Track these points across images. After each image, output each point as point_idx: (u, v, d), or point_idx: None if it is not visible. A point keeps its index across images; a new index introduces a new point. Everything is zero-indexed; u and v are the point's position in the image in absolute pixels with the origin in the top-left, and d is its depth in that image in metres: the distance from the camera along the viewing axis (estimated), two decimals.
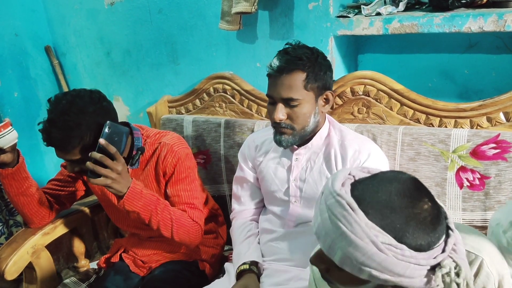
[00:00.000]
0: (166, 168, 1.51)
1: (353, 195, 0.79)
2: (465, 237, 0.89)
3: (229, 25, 1.82)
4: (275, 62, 1.33)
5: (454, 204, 1.46)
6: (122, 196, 1.35)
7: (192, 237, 1.50)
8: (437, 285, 0.76)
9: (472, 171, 1.42)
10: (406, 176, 0.81)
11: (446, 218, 0.81)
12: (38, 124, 1.34)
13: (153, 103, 2.12)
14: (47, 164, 2.56)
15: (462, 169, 1.43)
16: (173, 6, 2.02)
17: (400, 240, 0.75)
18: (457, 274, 0.75)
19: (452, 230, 0.81)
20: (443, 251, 0.78)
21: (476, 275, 0.85)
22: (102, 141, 1.30)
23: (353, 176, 0.86)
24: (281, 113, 1.33)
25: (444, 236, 0.79)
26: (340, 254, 0.77)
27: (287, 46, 1.37)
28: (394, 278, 0.75)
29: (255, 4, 1.70)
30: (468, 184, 1.43)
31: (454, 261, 0.77)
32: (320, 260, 0.85)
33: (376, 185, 0.80)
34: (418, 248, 0.75)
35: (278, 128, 1.37)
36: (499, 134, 1.37)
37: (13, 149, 1.41)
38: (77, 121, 1.30)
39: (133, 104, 2.33)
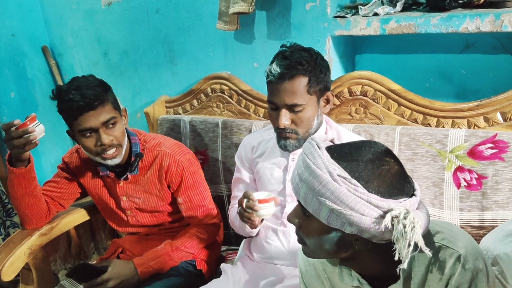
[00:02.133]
0: (172, 179, 1.55)
1: (327, 147, 0.89)
2: (442, 231, 0.90)
3: (227, 25, 1.81)
4: (275, 69, 1.29)
5: (451, 204, 1.46)
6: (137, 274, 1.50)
7: (211, 237, 1.64)
8: (386, 226, 0.80)
9: (470, 171, 1.42)
10: (381, 144, 0.89)
11: (413, 188, 0.87)
12: (57, 95, 1.41)
13: (151, 104, 2.12)
14: (44, 165, 2.55)
15: (460, 169, 1.44)
16: (170, 7, 2.02)
17: (356, 179, 0.82)
18: (405, 218, 0.79)
19: (415, 196, 0.86)
20: (399, 203, 0.83)
21: (452, 270, 0.86)
22: None
23: None
24: (285, 118, 1.31)
25: (404, 197, 0.84)
26: (304, 188, 0.86)
27: (283, 49, 1.35)
28: (345, 210, 0.81)
29: (253, 4, 1.70)
30: (466, 184, 1.43)
31: (406, 209, 0.81)
32: (295, 215, 0.94)
33: (351, 143, 0.90)
34: (372, 191, 0.82)
35: (282, 133, 1.35)
36: (496, 134, 1.38)
37: None
38: (99, 83, 1.43)
39: (131, 104, 2.33)
